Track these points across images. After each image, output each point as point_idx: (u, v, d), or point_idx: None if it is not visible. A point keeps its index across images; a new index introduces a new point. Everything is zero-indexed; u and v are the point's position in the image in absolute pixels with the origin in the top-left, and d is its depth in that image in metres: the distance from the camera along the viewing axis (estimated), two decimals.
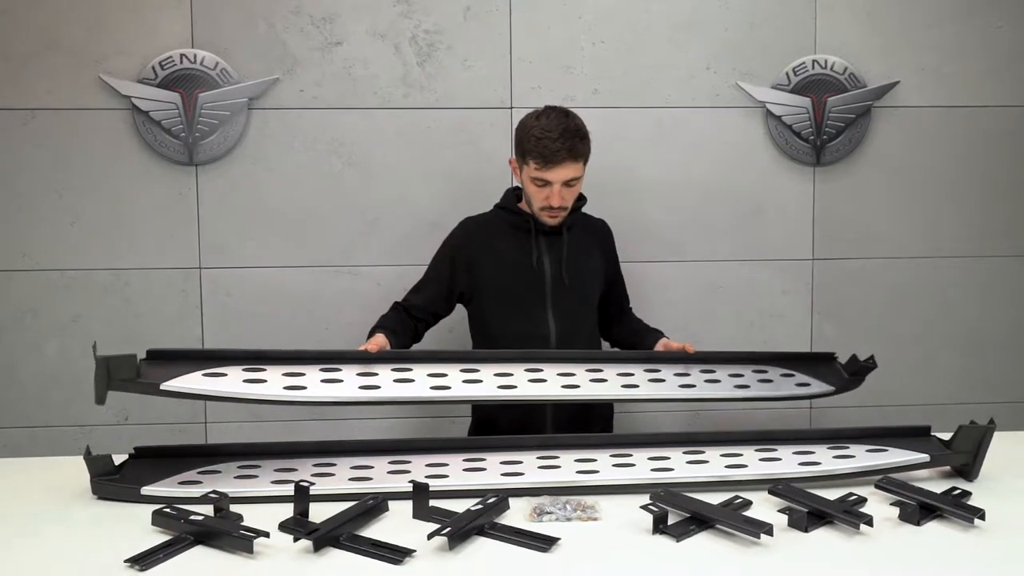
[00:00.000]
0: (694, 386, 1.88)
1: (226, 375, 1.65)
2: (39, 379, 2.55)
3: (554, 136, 2.00)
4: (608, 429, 2.24)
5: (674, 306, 2.34)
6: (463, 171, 2.58)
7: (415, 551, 1.39)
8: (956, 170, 2.69)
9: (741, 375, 1.94)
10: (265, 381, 1.65)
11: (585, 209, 2.23)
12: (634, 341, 2.21)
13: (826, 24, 2.62)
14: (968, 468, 1.72)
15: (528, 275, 2.11)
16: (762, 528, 1.42)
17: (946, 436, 1.77)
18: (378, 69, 2.54)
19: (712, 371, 1.93)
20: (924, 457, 1.70)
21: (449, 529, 1.41)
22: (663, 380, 1.88)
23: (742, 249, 2.68)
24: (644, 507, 1.49)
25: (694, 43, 2.60)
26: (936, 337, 2.62)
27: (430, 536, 1.40)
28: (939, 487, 1.62)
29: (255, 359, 1.69)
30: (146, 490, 1.60)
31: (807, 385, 1.95)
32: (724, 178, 2.65)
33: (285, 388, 1.65)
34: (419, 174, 2.58)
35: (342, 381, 1.71)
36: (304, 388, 1.66)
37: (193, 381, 1.61)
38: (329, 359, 1.74)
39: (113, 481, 1.63)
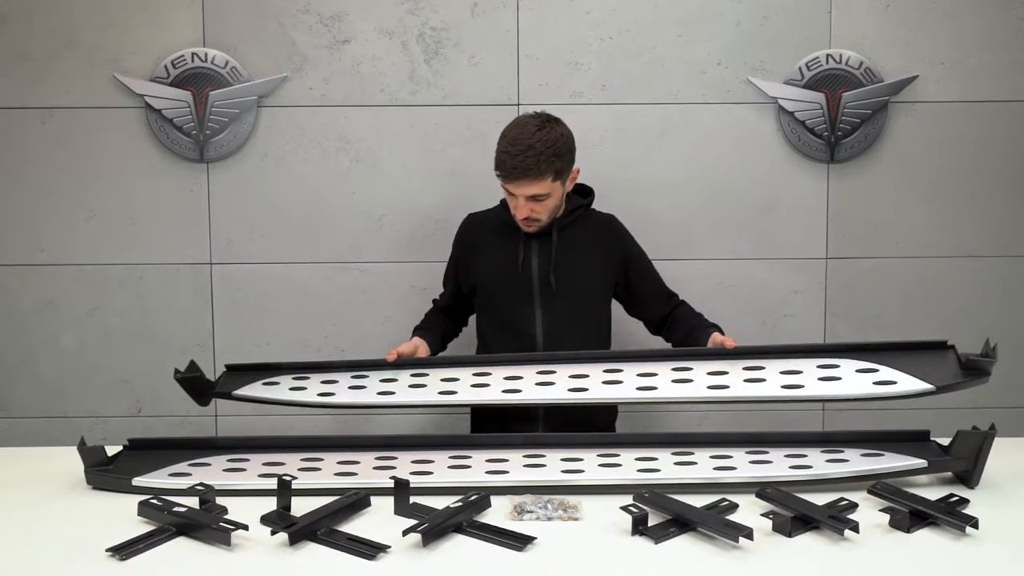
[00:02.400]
0: (727, 387, 1.75)
1: (278, 383, 1.89)
2: (56, 370, 2.62)
3: (513, 152, 1.91)
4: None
5: None
6: (470, 168, 2.57)
7: (390, 547, 1.40)
8: (976, 167, 2.60)
9: (798, 372, 1.75)
10: (305, 388, 1.88)
11: (594, 206, 2.19)
12: (688, 344, 2.03)
13: (841, 17, 2.56)
14: (968, 474, 1.66)
15: (513, 276, 2.07)
16: (742, 532, 1.40)
17: (948, 441, 1.72)
18: (386, 67, 2.55)
19: (760, 367, 1.77)
20: (921, 463, 1.65)
21: (425, 526, 1.41)
22: (690, 381, 1.77)
23: (753, 247, 2.63)
24: (624, 508, 1.47)
25: (704, 37, 2.56)
26: (951, 339, 2.54)
27: (405, 532, 1.40)
28: (938, 494, 1.58)
29: (302, 369, 1.92)
30: (137, 481, 1.65)
31: (891, 383, 1.72)
32: (735, 175, 2.60)
33: (319, 395, 1.85)
34: (426, 171, 2.59)
35: (365, 388, 1.87)
36: (333, 395, 1.86)
37: (255, 389, 1.88)
38: (359, 367, 1.93)
39: (106, 472, 1.68)
